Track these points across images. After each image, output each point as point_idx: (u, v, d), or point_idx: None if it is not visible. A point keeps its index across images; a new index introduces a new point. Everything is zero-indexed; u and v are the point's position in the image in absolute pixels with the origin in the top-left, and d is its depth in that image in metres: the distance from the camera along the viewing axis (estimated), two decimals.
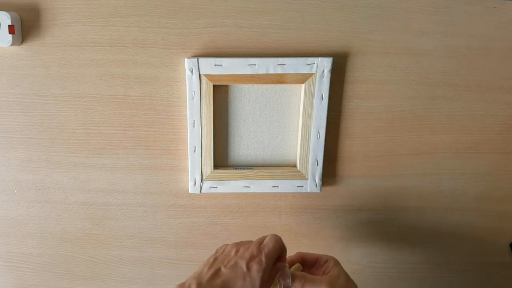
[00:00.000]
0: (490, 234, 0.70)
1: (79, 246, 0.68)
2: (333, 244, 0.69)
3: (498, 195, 0.68)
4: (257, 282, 0.47)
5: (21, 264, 0.69)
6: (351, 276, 0.71)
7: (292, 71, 0.59)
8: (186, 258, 0.69)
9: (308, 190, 0.64)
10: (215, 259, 0.50)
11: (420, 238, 0.69)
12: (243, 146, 0.64)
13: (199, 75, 0.58)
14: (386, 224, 0.68)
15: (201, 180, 0.63)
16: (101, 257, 0.69)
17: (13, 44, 0.56)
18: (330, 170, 0.65)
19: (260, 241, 0.51)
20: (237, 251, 0.50)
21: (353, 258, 0.70)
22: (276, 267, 0.51)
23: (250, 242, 0.52)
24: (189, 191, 0.64)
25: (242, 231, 0.68)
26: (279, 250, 0.51)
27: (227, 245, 0.53)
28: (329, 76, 0.59)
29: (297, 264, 0.58)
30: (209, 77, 0.58)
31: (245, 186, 0.64)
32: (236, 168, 0.64)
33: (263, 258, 0.48)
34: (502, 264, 0.72)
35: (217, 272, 0.48)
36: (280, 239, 0.52)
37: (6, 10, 0.55)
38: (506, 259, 0.71)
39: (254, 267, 0.48)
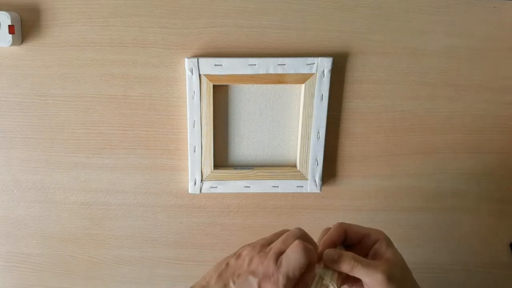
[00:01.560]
0: (490, 234, 0.70)
1: (79, 246, 0.68)
2: None
3: (498, 195, 0.68)
4: None
5: (21, 264, 0.69)
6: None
7: (292, 71, 0.59)
8: (186, 258, 0.69)
9: (308, 190, 0.64)
10: (227, 267, 0.43)
11: (420, 238, 0.69)
12: (243, 146, 0.64)
13: (199, 75, 0.58)
14: (386, 224, 0.68)
15: (201, 180, 0.63)
16: (101, 257, 0.68)
17: (13, 44, 0.56)
18: (330, 170, 0.65)
19: (279, 250, 0.41)
20: (250, 262, 0.41)
21: None
22: (305, 281, 0.41)
23: (267, 247, 0.43)
24: (189, 191, 0.64)
25: (242, 231, 0.68)
26: (304, 263, 0.40)
27: (245, 247, 0.44)
28: (329, 76, 0.59)
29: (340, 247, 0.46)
30: (209, 77, 0.58)
31: (245, 186, 0.64)
32: (236, 168, 0.64)
33: (280, 278, 0.39)
34: (502, 264, 0.72)
35: (224, 286, 0.41)
36: (306, 247, 0.40)
37: (6, 10, 0.55)
38: (506, 259, 0.71)
39: (265, 285, 0.39)
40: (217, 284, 0.41)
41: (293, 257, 0.40)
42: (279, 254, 0.41)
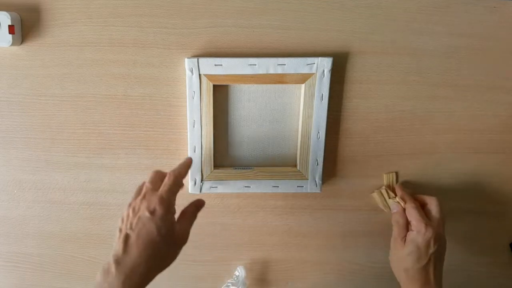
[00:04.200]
0: (490, 234, 0.70)
1: (79, 246, 0.68)
2: (333, 244, 0.69)
3: (498, 196, 0.68)
4: (168, 217, 0.48)
5: (21, 264, 0.69)
6: (351, 276, 0.71)
7: (292, 71, 0.59)
8: (186, 258, 0.69)
9: (308, 190, 0.64)
10: (120, 230, 0.49)
11: None
12: (243, 146, 0.64)
13: (199, 75, 0.58)
14: (386, 224, 0.68)
15: (201, 180, 0.63)
16: (101, 257, 0.68)
17: (13, 44, 0.56)
18: (330, 170, 0.65)
19: (151, 187, 0.51)
20: (133, 209, 0.49)
21: (353, 258, 0.70)
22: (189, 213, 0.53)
23: (141, 191, 0.52)
24: (189, 191, 0.64)
25: (242, 231, 0.68)
26: (180, 182, 0.52)
27: (125, 212, 0.51)
28: (329, 76, 0.59)
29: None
30: (209, 77, 0.59)
31: (245, 186, 0.64)
32: (236, 168, 0.64)
33: (164, 195, 0.49)
34: (502, 264, 0.72)
35: (127, 239, 0.47)
36: (178, 172, 0.52)
37: (6, 10, 0.55)
38: (506, 259, 0.71)
39: (157, 208, 0.48)
40: (121, 243, 0.47)
41: (170, 181, 0.51)
42: (154, 189, 0.51)
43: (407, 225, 0.59)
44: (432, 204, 0.59)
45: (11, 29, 0.55)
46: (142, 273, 0.47)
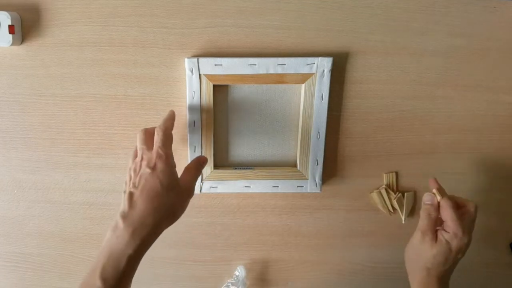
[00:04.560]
0: (490, 234, 0.70)
1: (79, 246, 0.68)
2: (333, 244, 0.69)
3: (498, 195, 0.68)
4: (169, 169, 0.50)
5: (21, 264, 0.69)
6: (351, 276, 0.71)
7: (292, 71, 0.59)
8: (186, 258, 0.69)
9: (308, 190, 0.64)
10: (124, 191, 0.50)
11: None
12: (243, 146, 0.64)
13: (199, 75, 0.58)
14: (386, 224, 0.68)
15: (201, 180, 0.63)
16: None
17: (13, 44, 0.56)
18: (330, 170, 0.65)
19: (145, 147, 0.52)
20: (134, 170, 0.51)
21: (353, 258, 0.70)
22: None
23: (136, 154, 0.54)
24: None
25: (242, 231, 0.68)
26: (169, 134, 0.53)
27: (127, 175, 0.53)
28: (329, 76, 0.59)
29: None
30: (209, 77, 0.58)
31: (245, 186, 0.64)
32: (236, 168, 0.64)
33: (160, 150, 0.50)
34: (502, 264, 0.72)
35: (131, 196, 0.49)
36: (164, 126, 0.53)
37: (6, 10, 0.55)
38: (506, 259, 0.71)
39: (157, 163, 0.50)
40: (127, 202, 0.48)
41: (160, 134, 0.52)
42: (147, 147, 0.52)
43: (437, 221, 0.55)
44: (471, 208, 0.55)
45: (11, 29, 0.55)
46: (149, 225, 0.48)
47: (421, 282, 0.54)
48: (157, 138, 0.52)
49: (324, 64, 0.59)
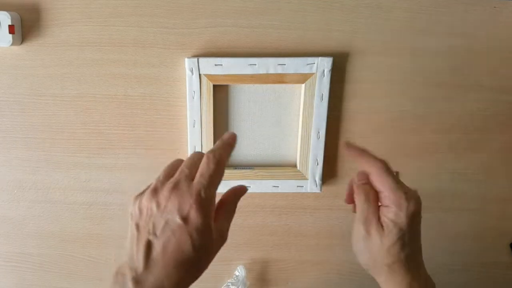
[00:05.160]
0: (490, 234, 0.70)
1: (79, 246, 0.68)
2: (333, 244, 0.69)
3: (498, 195, 0.68)
4: (205, 223, 0.35)
5: (21, 264, 0.69)
6: (351, 276, 0.71)
7: (292, 71, 0.59)
8: None
9: (308, 190, 0.64)
10: (138, 227, 0.36)
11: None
12: (243, 146, 0.64)
13: (199, 75, 0.58)
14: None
15: None
16: (101, 257, 0.68)
17: (13, 44, 0.56)
18: (330, 170, 0.65)
19: (187, 173, 0.37)
20: (158, 204, 0.36)
21: (353, 258, 0.70)
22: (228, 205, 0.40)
23: (166, 177, 0.38)
24: None
25: (242, 231, 0.68)
26: (222, 166, 0.38)
27: (139, 199, 0.37)
28: (329, 76, 0.59)
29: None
30: (209, 77, 0.59)
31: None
32: (236, 168, 0.64)
33: (203, 193, 0.35)
34: (502, 264, 0.72)
35: (149, 250, 0.35)
36: (219, 154, 0.38)
37: (6, 10, 0.55)
38: (506, 259, 0.71)
39: (192, 214, 0.35)
40: (140, 252, 0.35)
41: (208, 169, 0.36)
42: (188, 176, 0.37)
43: (377, 201, 0.42)
44: (384, 163, 0.42)
45: (11, 29, 0.55)
46: None
47: (388, 281, 0.42)
48: (205, 169, 0.37)
49: (324, 64, 0.59)
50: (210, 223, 0.37)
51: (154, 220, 0.35)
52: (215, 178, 0.37)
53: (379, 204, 0.42)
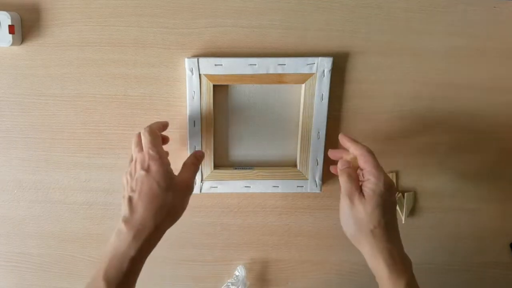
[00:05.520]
0: (490, 234, 0.70)
1: (79, 246, 0.68)
2: (333, 244, 0.69)
3: (498, 195, 0.68)
4: (163, 169, 0.49)
5: (21, 264, 0.69)
6: (351, 276, 0.71)
7: (292, 71, 0.59)
8: (186, 258, 0.69)
9: (308, 190, 0.64)
10: (124, 196, 0.51)
11: (420, 238, 0.69)
12: (243, 146, 0.64)
13: (199, 75, 0.58)
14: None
15: (201, 180, 0.63)
16: (101, 257, 0.68)
17: (13, 44, 0.56)
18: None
19: (138, 149, 0.52)
20: (131, 174, 0.51)
21: (353, 258, 0.70)
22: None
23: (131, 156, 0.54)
24: None
25: (242, 231, 0.68)
26: (155, 133, 0.53)
27: (123, 179, 0.53)
28: (329, 76, 0.59)
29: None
30: (209, 77, 0.58)
31: (245, 186, 0.64)
32: (236, 168, 0.64)
33: (151, 151, 0.50)
34: (502, 264, 0.72)
35: (131, 201, 0.49)
36: (149, 127, 0.53)
37: (6, 10, 0.55)
38: (506, 259, 0.71)
39: (151, 164, 0.49)
40: (127, 206, 0.49)
41: (146, 136, 0.52)
42: (138, 145, 0.53)
43: (358, 179, 0.52)
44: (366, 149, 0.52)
45: (11, 29, 0.55)
46: (151, 226, 0.48)
47: (373, 248, 0.49)
48: (144, 139, 0.52)
49: (324, 64, 0.58)
50: (167, 169, 0.50)
51: (130, 184, 0.50)
52: (154, 140, 0.52)
53: (360, 181, 0.52)
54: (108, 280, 0.47)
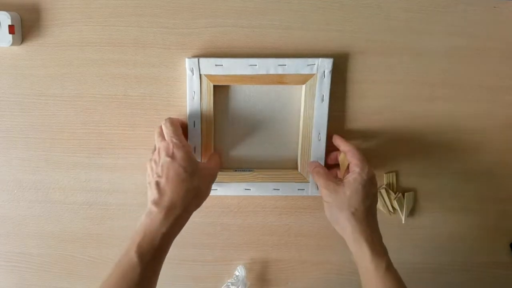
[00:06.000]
0: (490, 234, 0.70)
1: (79, 246, 0.68)
2: (334, 244, 0.69)
3: (498, 195, 0.68)
4: (187, 156, 0.52)
5: (21, 264, 0.69)
6: (351, 276, 0.71)
7: (292, 72, 0.59)
8: (186, 258, 0.69)
9: (309, 194, 0.63)
10: (149, 182, 0.53)
11: (420, 238, 0.69)
12: (243, 147, 0.64)
13: (200, 75, 0.58)
14: (385, 224, 0.68)
15: None
16: (101, 257, 0.68)
17: (13, 44, 0.56)
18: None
19: (160, 139, 0.55)
20: (155, 161, 0.53)
21: (353, 258, 0.70)
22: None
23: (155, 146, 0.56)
24: None
25: (242, 231, 0.68)
26: (176, 123, 0.56)
27: (148, 167, 0.55)
28: (329, 77, 0.59)
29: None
30: (210, 77, 0.58)
31: (246, 189, 0.63)
32: (236, 170, 0.63)
33: (174, 139, 0.53)
34: (502, 264, 0.72)
35: (158, 185, 0.51)
36: (169, 118, 0.57)
37: (6, 10, 0.55)
38: (506, 259, 0.72)
39: (175, 151, 0.52)
40: (155, 190, 0.51)
41: (168, 126, 0.55)
42: (160, 135, 0.56)
43: (332, 173, 0.60)
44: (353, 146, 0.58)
45: (11, 29, 0.55)
46: (180, 207, 0.51)
47: (355, 230, 0.53)
48: (166, 130, 0.55)
49: (325, 65, 0.58)
50: (191, 155, 0.53)
51: (155, 170, 0.53)
52: (175, 130, 0.55)
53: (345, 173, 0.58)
54: (141, 254, 0.49)
